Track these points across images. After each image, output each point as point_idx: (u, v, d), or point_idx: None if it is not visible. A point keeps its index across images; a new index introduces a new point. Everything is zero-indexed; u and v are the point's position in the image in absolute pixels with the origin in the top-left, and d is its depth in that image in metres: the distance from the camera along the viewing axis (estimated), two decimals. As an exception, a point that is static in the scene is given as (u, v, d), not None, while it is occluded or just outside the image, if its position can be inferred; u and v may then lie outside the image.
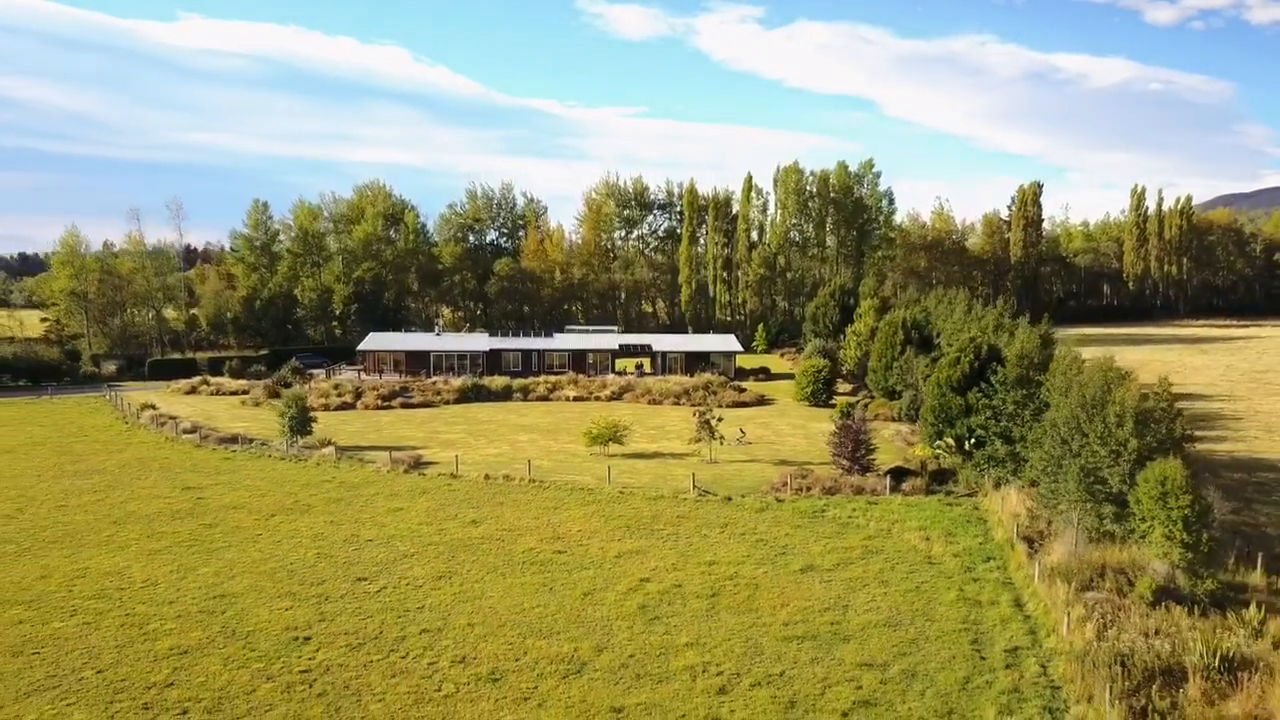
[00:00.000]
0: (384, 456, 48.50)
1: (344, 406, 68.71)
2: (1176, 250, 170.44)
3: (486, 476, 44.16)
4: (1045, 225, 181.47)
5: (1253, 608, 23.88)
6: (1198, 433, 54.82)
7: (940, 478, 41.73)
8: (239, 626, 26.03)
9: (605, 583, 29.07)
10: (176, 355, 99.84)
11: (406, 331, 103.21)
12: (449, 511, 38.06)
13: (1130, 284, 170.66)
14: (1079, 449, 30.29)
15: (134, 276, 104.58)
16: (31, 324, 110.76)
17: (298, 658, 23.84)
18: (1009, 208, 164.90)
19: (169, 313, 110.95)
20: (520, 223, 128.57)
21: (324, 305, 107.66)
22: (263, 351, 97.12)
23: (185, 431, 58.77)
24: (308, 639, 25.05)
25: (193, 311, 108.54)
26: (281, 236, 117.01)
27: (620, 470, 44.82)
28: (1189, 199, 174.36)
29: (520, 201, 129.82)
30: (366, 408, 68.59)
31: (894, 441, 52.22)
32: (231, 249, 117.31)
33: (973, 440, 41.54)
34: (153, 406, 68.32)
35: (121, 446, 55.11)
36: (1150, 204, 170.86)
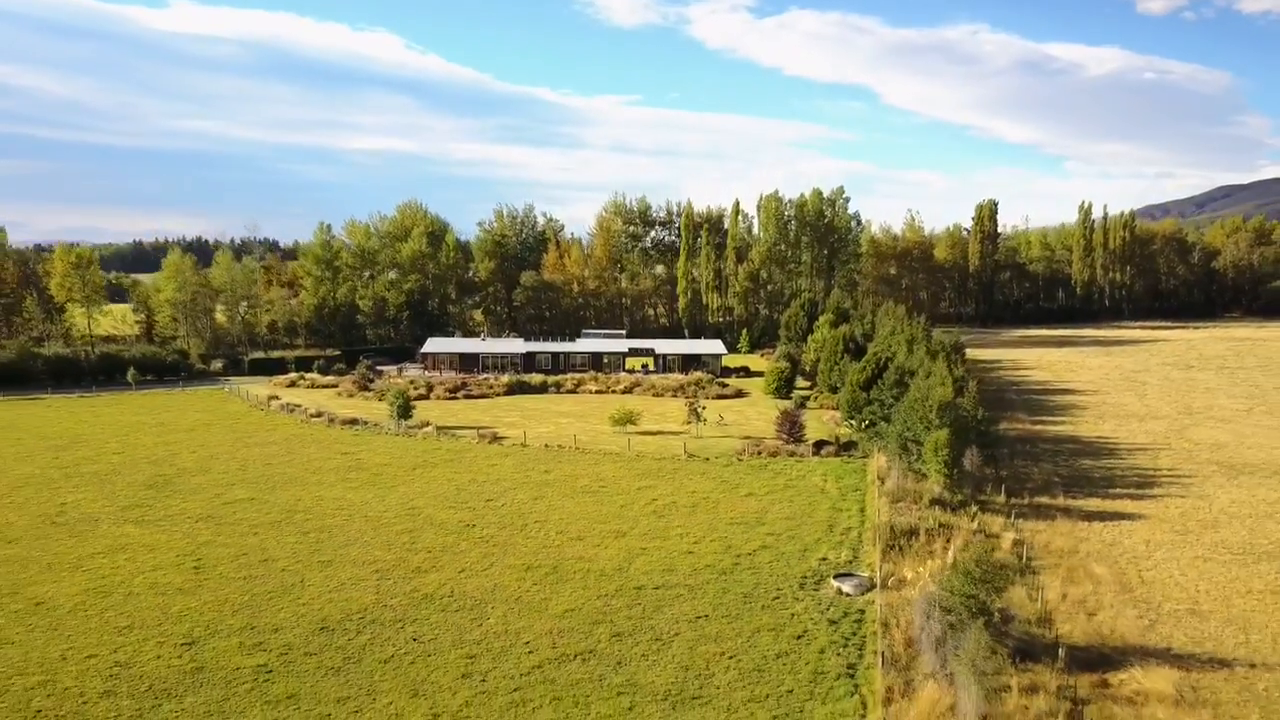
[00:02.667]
0: (471, 433, 69.86)
1: (420, 397, 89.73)
2: (1120, 259, 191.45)
3: (546, 445, 65.53)
4: (1009, 231, 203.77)
5: (974, 507, 45.24)
6: (1048, 415, 76.28)
7: (848, 446, 62.99)
8: (431, 521, 47.34)
9: (631, 501, 50.41)
10: (260, 354, 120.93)
11: (450, 334, 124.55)
12: (528, 466, 59.40)
13: (1078, 289, 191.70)
14: (911, 423, 51.56)
15: (223, 288, 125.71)
16: (113, 318, 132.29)
17: (472, 533, 45.15)
18: (972, 219, 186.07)
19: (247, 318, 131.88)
20: (541, 238, 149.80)
21: (380, 311, 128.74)
22: (335, 351, 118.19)
23: (313, 416, 79.97)
24: (473, 525, 46.38)
25: (270, 317, 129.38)
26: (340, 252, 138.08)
27: (635, 442, 66.12)
28: (1132, 214, 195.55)
29: (540, 220, 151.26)
30: (438, 398, 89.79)
31: (829, 424, 73.41)
32: (299, 262, 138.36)
33: (868, 422, 62.79)
34: (276, 398, 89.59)
35: (272, 427, 76.31)
36: (1099, 214, 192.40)
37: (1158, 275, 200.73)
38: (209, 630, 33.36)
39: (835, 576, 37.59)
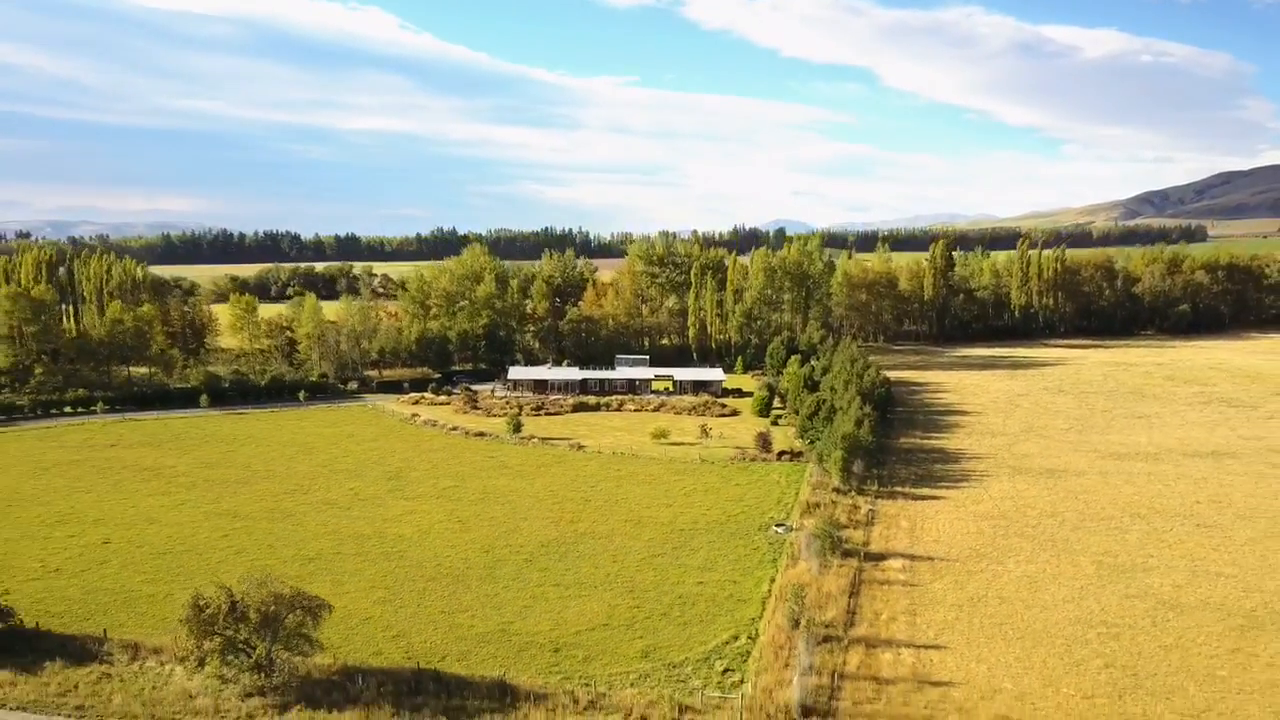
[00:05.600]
0: (563, 444, 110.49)
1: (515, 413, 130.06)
2: (1052, 286, 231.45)
3: (613, 453, 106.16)
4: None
5: (853, 493, 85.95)
6: (936, 432, 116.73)
7: (798, 455, 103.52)
8: (565, 498, 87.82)
9: (671, 488, 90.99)
10: (374, 373, 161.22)
11: (515, 358, 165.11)
12: (606, 466, 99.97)
13: (1017, 312, 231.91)
14: (826, 446, 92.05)
15: (344, 324, 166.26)
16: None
17: (589, 504, 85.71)
18: (928, 258, 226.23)
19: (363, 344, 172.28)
20: (582, 278, 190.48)
21: (464, 340, 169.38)
22: (435, 373, 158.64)
23: (450, 430, 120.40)
24: (589, 500, 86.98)
25: (380, 344, 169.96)
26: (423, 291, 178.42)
27: (667, 451, 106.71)
28: (1064, 250, 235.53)
29: (579, 264, 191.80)
30: (527, 415, 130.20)
31: (791, 438, 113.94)
32: (397, 299, 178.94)
33: (810, 440, 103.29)
34: (416, 415, 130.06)
35: (428, 438, 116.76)
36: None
37: (1088, 298, 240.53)
38: (489, 546, 74.03)
39: (776, 525, 78.25)
